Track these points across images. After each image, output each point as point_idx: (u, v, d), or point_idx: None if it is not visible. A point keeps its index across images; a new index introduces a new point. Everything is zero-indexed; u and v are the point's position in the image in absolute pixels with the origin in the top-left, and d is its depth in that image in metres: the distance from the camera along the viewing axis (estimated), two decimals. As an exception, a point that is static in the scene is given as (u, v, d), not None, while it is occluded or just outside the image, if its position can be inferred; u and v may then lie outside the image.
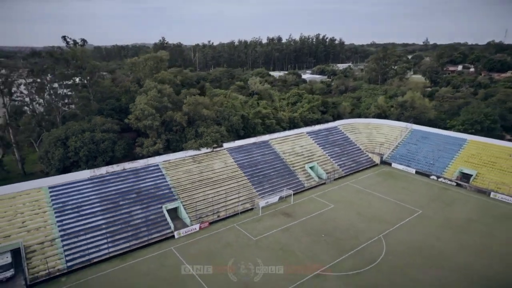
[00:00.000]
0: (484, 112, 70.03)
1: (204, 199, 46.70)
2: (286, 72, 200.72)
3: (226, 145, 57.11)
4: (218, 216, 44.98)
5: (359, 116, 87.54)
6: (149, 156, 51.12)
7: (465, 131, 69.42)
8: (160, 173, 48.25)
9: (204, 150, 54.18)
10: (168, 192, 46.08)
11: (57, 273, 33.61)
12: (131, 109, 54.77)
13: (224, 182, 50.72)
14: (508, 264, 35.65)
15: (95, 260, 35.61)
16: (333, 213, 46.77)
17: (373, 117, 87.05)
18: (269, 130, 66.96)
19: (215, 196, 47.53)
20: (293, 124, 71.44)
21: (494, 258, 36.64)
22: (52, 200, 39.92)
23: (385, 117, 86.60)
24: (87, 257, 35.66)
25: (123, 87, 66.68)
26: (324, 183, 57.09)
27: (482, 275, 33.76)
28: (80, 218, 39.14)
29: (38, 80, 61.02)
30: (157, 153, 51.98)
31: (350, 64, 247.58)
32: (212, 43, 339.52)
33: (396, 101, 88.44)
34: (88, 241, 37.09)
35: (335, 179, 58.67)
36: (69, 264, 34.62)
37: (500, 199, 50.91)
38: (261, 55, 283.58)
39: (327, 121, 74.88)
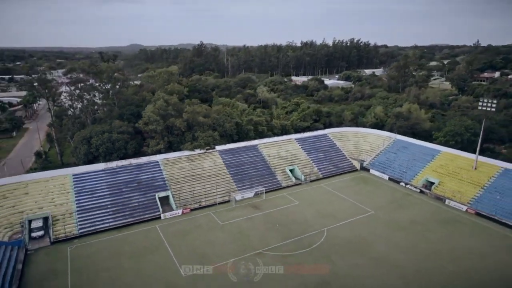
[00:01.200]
0: (465, 125, 74.16)
1: (190, 191, 57.87)
2: (310, 77, 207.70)
3: (218, 147, 67.90)
4: (200, 205, 55.92)
5: (360, 125, 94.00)
6: (153, 154, 63.39)
7: (446, 142, 74.18)
8: (158, 168, 60.24)
9: (198, 151, 65.41)
10: (163, 183, 57.89)
11: (72, 236, 46.47)
12: (142, 115, 67.57)
13: (210, 178, 61.59)
14: (425, 258, 42.18)
15: (99, 230, 48.12)
16: (295, 209, 55.71)
17: (370, 125, 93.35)
18: (262, 136, 76.69)
19: (200, 189, 58.58)
20: (284, 131, 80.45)
21: (415, 253, 43.48)
22: (74, 184, 53.33)
23: (382, 126, 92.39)
24: (94, 227, 48.28)
25: (141, 96, 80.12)
26: (300, 184, 65.88)
27: (395, 265, 40.94)
28: (92, 198, 52.08)
29: (78, 90, 76.08)
30: (159, 152, 64.12)
31: (375, 69, 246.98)
32: (247, 46, 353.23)
33: (393, 112, 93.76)
34: (96, 215, 49.81)
35: (311, 181, 67.14)
36: (80, 230, 47.43)
37: (452, 205, 56.57)
38: (292, 60, 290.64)
39: (318, 129, 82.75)
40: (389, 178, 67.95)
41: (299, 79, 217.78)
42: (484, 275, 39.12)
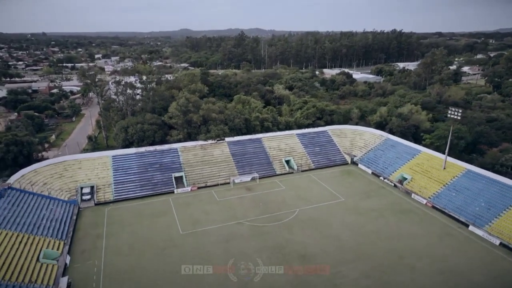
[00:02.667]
0: (449, 130, 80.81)
1: (200, 173, 73.30)
2: (339, 70, 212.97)
3: (227, 139, 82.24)
4: (205, 184, 71.14)
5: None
6: (174, 142, 79.50)
7: (431, 144, 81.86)
8: (176, 154, 76.25)
9: (210, 141, 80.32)
10: (179, 166, 73.85)
11: (109, 201, 64.14)
12: (168, 110, 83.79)
13: (217, 164, 76.45)
14: (365, 237, 53.50)
15: (128, 198, 65.31)
16: (279, 192, 68.85)
17: (374, 123, 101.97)
18: (268, 130, 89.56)
19: (207, 172, 73.76)
20: (288, 127, 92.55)
21: (359, 232, 54.78)
22: (112, 163, 71.08)
23: (385, 125, 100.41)
24: (124, 196, 65.58)
25: (170, 93, 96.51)
26: (292, 173, 78.46)
27: (339, 239, 52.84)
28: (125, 175, 69.47)
29: (121, 86, 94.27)
30: (179, 141, 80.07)
31: (411, 63, 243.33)
32: (293, 33, 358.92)
33: (395, 112, 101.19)
34: (127, 187, 67.11)
35: (302, 171, 79.38)
36: (115, 197, 64.95)
37: (415, 199, 66.07)
38: (329, 51, 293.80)
39: (319, 126, 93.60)
40: (372, 173, 78.01)
41: (331, 72, 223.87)
42: (407, 251, 49.78)
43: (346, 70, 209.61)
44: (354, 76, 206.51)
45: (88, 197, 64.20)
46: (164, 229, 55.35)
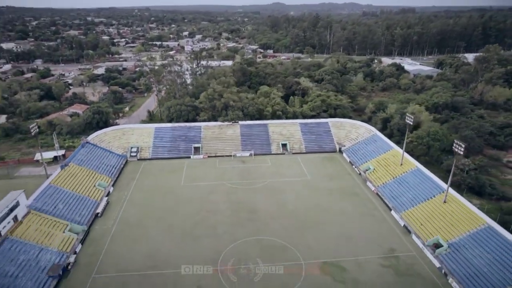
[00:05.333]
0: (429, 131, 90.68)
1: (213, 145, 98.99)
2: (400, 59, 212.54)
3: (241, 122, 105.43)
4: (215, 155, 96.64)
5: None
6: (200, 122, 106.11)
7: (411, 142, 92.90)
8: (199, 130, 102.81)
9: (226, 123, 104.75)
10: (199, 139, 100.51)
11: (146, 158, 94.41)
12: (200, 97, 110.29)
13: (227, 140, 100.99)
14: (306, 206, 72.73)
15: (159, 158, 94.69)
16: (264, 167, 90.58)
17: (380, 119, 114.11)
18: (279, 118, 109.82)
19: (218, 145, 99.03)
20: (295, 117, 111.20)
21: (303, 202, 73.65)
22: (154, 133, 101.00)
23: (390, 122, 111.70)
24: (157, 156, 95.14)
25: (207, 82, 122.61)
26: (284, 154, 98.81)
27: (284, 203, 73.33)
28: (161, 141, 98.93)
29: (172, 74, 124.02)
30: (204, 121, 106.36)
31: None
32: (378, 12, 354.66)
33: (400, 111, 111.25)
34: (160, 150, 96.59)
35: (293, 153, 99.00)
36: (151, 156, 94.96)
37: (368, 186, 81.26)
38: (399, 38, 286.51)
39: (322, 118, 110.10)
40: (350, 161, 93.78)
41: (389, 61, 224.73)
42: (327, 219, 68.03)
43: (399, 61, 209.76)
44: (408, 67, 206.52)
45: (134, 154, 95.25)
46: (172, 181, 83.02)
